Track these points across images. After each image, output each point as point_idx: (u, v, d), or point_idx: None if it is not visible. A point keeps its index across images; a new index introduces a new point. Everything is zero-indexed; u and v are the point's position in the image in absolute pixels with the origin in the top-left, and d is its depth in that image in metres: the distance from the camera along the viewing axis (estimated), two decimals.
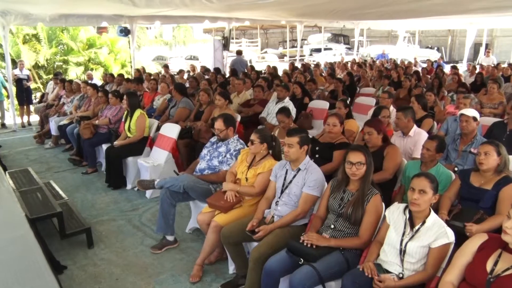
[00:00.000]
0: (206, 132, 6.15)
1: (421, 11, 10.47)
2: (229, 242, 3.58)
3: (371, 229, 3.09)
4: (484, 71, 12.91)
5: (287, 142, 3.46)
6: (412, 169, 3.85)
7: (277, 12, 11.63)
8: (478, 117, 4.56)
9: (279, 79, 9.52)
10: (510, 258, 2.29)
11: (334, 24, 19.51)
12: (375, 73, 13.08)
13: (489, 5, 9.01)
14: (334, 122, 4.53)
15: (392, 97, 6.90)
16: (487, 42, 26.22)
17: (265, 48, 37.14)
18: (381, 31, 31.77)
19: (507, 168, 3.46)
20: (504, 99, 7.51)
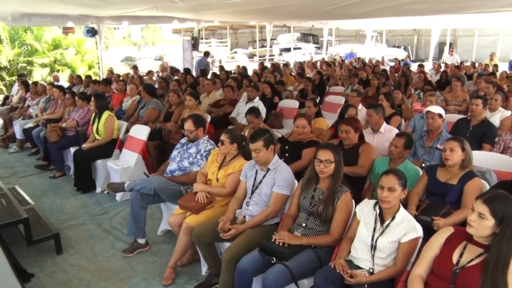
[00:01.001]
0: (176, 133, 6.11)
1: (403, 10, 10.64)
2: (201, 242, 3.56)
3: (342, 226, 3.13)
4: (448, 70, 13.28)
5: (253, 148, 3.46)
6: (381, 166, 3.93)
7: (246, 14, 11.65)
8: (443, 114, 4.69)
9: (249, 79, 9.53)
10: (475, 249, 2.37)
11: (303, 24, 19.71)
12: (344, 72, 13.27)
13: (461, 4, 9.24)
14: (303, 124, 4.54)
15: (361, 96, 7.02)
16: (451, 42, 26.99)
17: (234, 48, 37.13)
18: (349, 31, 32.24)
19: (471, 163, 3.57)
20: (467, 97, 7.74)
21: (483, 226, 2.29)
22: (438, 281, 2.43)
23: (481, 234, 2.32)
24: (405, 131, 5.38)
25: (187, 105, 6.28)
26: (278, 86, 8.89)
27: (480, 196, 2.37)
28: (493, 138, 5.05)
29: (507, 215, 2.24)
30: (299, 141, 4.58)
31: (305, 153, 4.43)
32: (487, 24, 21.49)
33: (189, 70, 12.64)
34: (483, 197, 2.32)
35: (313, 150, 4.30)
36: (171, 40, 35.05)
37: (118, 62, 24.36)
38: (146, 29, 35.43)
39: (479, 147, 4.86)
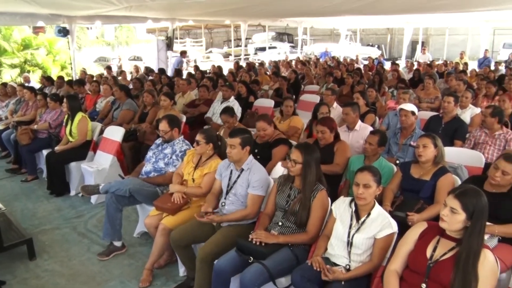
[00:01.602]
0: (151, 134, 6.05)
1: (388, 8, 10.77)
2: (178, 245, 3.54)
3: (318, 224, 3.16)
4: (421, 68, 13.53)
5: (229, 143, 3.46)
6: (356, 163, 3.98)
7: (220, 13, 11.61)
8: (416, 111, 4.78)
9: (224, 79, 9.52)
10: (447, 243, 2.43)
11: (277, 23, 19.74)
12: (319, 71, 13.38)
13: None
14: (263, 127, 4.51)
15: (336, 94, 7.09)
16: (423, 40, 27.51)
17: (210, 47, 36.99)
18: (323, 30, 32.50)
19: (443, 159, 3.65)
20: (439, 94, 7.90)
21: (455, 220, 2.34)
22: (413, 275, 2.47)
23: (453, 228, 2.38)
24: (379, 128, 5.46)
25: (162, 106, 6.23)
26: (253, 86, 8.90)
27: (451, 191, 2.42)
28: (464, 135, 5.18)
29: (478, 209, 2.30)
30: (266, 142, 4.58)
31: (275, 152, 4.46)
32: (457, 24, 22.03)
33: (164, 70, 12.53)
34: (454, 192, 2.38)
35: (282, 148, 4.35)
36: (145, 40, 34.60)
37: (91, 62, 23.95)
38: (119, 28, 34.87)
39: (451, 143, 4.97)
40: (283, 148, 4.50)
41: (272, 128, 4.60)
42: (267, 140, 4.59)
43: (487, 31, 19.17)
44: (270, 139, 4.58)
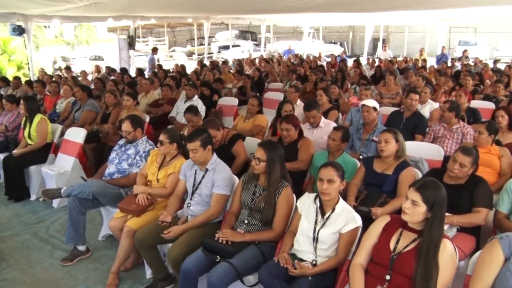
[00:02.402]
0: (114, 134, 5.94)
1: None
2: (143, 246, 3.48)
3: (284, 221, 3.18)
4: (382, 64, 13.84)
5: (190, 148, 3.43)
6: (320, 159, 4.03)
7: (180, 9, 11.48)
8: (378, 107, 4.88)
9: (187, 78, 9.45)
10: (410, 235, 2.50)
11: (240, 21, 19.75)
12: (283, 68, 13.47)
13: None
14: (213, 134, 4.31)
15: (299, 91, 7.15)
16: (384, 38, 28.12)
17: (173, 46, 36.56)
18: (286, 28, 32.75)
19: (404, 153, 3.74)
20: (400, 90, 8.10)
21: (416, 212, 2.41)
22: (378, 268, 2.53)
23: (415, 220, 2.45)
24: (342, 124, 5.54)
25: (125, 106, 6.13)
26: (217, 84, 8.88)
27: (412, 184, 2.49)
28: (424, 129, 5.33)
29: (437, 200, 2.38)
30: (222, 145, 4.54)
31: (235, 150, 4.46)
32: (415, 22, 22.69)
33: (126, 70, 12.32)
34: (415, 185, 2.45)
35: (240, 143, 4.36)
36: (106, 39, 33.86)
37: (50, 62, 23.28)
38: (79, 27, 33.95)
39: (411, 137, 5.10)
40: (241, 142, 4.53)
41: (221, 132, 4.51)
42: (222, 143, 4.55)
43: (443, 29, 19.78)
44: (223, 142, 4.56)
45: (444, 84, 8.30)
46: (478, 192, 3.24)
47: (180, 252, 3.20)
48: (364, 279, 2.53)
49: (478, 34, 30.04)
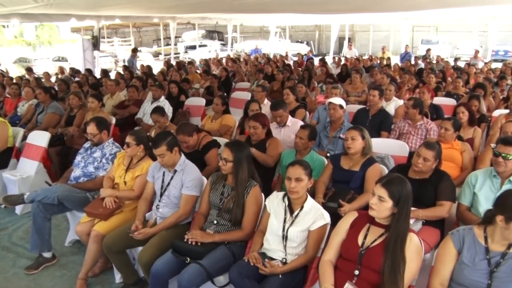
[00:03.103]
0: (79, 137, 5.81)
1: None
2: (112, 251, 3.42)
3: (253, 220, 3.19)
4: (348, 63, 14.05)
5: (157, 154, 3.40)
6: (288, 158, 4.05)
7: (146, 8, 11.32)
8: (344, 105, 4.95)
9: (154, 78, 9.34)
10: (377, 230, 2.55)
11: (207, 21, 19.68)
12: (250, 68, 13.48)
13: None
14: (184, 140, 4.31)
15: (266, 90, 7.17)
16: (349, 37, 28.64)
17: (139, 46, 36.05)
18: (253, 27, 32.84)
19: (371, 150, 3.81)
20: (366, 88, 8.24)
21: (383, 208, 2.46)
22: (347, 263, 2.57)
23: (382, 216, 2.50)
24: (309, 123, 5.60)
25: (90, 108, 6.00)
26: (184, 84, 8.82)
27: (378, 180, 2.54)
28: (390, 126, 5.43)
29: (403, 196, 2.44)
30: (196, 150, 4.49)
31: (209, 158, 4.41)
32: (380, 21, 23.14)
33: (91, 71, 12.07)
34: (381, 181, 2.50)
35: (214, 151, 4.32)
36: (70, 40, 33.05)
37: (10, 63, 22.55)
38: (41, 27, 32.96)
39: (377, 134, 5.20)
40: (215, 151, 4.45)
41: (195, 137, 4.43)
42: (196, 148, 4.50)
43: (407, 28, 20.24)
44: (198, 147, 4.51)
45: (408, 81, 8.49)
46: (441, 186, 3.33)
47: (151, 256, 3.16)
48: (333, 275, 2.56)
49: (440, 33, 30.96)
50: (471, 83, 8.86)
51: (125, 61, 18.22)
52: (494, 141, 3.72)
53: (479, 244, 2.41)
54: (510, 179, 3.25)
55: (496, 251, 2.37)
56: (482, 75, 9.86)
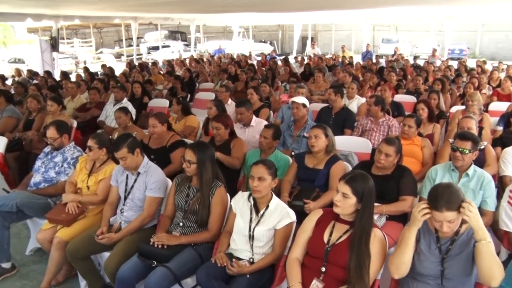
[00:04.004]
0: (39, 142, 5.63)
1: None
2: (76, 258, 3.33)
3: (219, 221, 3.19)
4: (311, 62, 14.20)
5: (118, 157, 3.35)
6: (252, 157, 4.06)
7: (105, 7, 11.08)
8: (307, 103, 5.00)
9: (116, 80, 9.17)
10: (342, 227, 2.60)
11: (169, 22, 19.49)
12: (214, 68, 13.43)
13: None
14: (153, 123, 4.36)
15: (230, 91, 7.17)
16: (312, 36, 28.96)
17: (100, 48, 35.33)
18: (216, 27, 32.76)
19: (334, 148, 3.86)
20: (329, 86, 8.34)
21: (347, 204, 2.51)
22: (313, 261, 2.60)
23: (346, 212, 2.54)
24: (274, 122, 5.63)
25: (49, 111, 5.82)
26: (147, 86, 8.68)
27: (342, 177, 2.59)
28: (353, 123, 5.53)
29: (366, 192, 2.49)
30: (162, 146, 4.48)
31: (173, 156, 4.38)
32: (341, 20, 23.54)
33: (50, 73, 11.72)
34: (345, 178, 2.54)
35: (180, 151, 4.29)
36: (26, 40, 32.02)
37: None
38: None
39: (341, 132, 5.28)
40: (182, 150, 4.41)
41: (162, 128, 4.43)
42: (162, 143, 4.49)
43: (367, 27, 20.65)
44: (166, 143, 4.49)
45: (370, 79, 8.67)
46: (403, 181, 3.42)
47: (118, 263, 3.10)
48: (300, 273, 2.58)
49: (399, 33, 31.77)
50: (430, 81, 9.12)
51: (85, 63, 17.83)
52: (452, 136, 3.85)
53: (431, 233, 2.50)
54: (467, 173, 3.38)
55: (446, 238, 2.46)
56: (440, 72, 10.20)
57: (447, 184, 2.42)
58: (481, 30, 31.01)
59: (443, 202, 2.27)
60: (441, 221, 2.31)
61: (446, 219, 2.29)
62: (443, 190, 2.32)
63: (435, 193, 2.34)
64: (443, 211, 2.27)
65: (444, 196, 2.28)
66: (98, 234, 3.28)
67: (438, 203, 2.29)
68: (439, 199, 2.29)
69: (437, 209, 2.28)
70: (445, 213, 2.27)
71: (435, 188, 2.39)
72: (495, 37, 31.01)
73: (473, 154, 3.36)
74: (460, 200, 2.29)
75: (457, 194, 2.31)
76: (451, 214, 2.28)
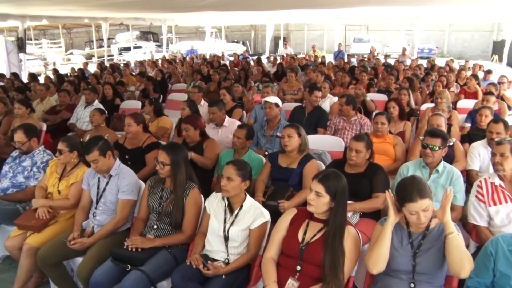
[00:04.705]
0: (6, 146, 5.47)
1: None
2: (48, 264, 3.26)
3: (194, 222, 3.17)
4: (284, 62, 14.27)
5: (90, 160, 3.30)
6: (226, 158, 4.05)
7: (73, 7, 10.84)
8: (280, 103, 5.02)
9: (86, 82, 9.01)
10: (316, 225, 2.62)
11: (141, 22, 19.26)
12: (186, 69, 13.35)
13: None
14: (128, 122, 4.34)
15: (202, 91, 7.14)
16: (284, 36, 29.13)
17: (70, 49, 34.62)
18: (189, 28, 32.55)
19: (307, 147, 3.89)
20: (302, 86, 8.40)
21: (320, 203, 2.53)
22: (288, 260, 2.62)
23: (320, 211, 2.57)
24: (247, 122, 5.63)
25: (17, 114, 5.68)
26: (118, 87, 8.56)
27: (315, 176, 2.61)
28: (326, 122, 5.58)
29: (339, 190, 2.52)
30: (138, 147, 4.44)
31: (148, 158, 4.34)
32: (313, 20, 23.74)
33: (17, 75, 11.42)
34: (318, 177, 2.57)
35: (155, 153, 4.25)
36: None
37: None
38: None
39: (314, 131, 5.31)
40: (157, 152, 4.37)
41: (138, 128, 4.40)
42: (138, 144, 4.44)
43: (339, 27, 20.89)
44: (141, 144, 4.44)
45: (342, 79, 8.76)
46: (376, 179, 3.47)
47: (91, 269, 3.04)
48: (276, 272, 2.59)
49: (370, 32, 32.26)
50: (400, 79, 9.29)
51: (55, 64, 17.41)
52: (423, 133, 3.92)
53: (402, 228, 2.56)
54: (437, 169, 3.46)
55: (417, 233, 2.52)
56: (410, 71, 10.40)
57: (410, 176, 2.53)
58: (448, 30, 31.85)
59: (415, 192, 2.34)
60: (417, 212, 2.36)
61: (422, 207, 2.35)
62: (410, 181, 2.42)
63: (404, 186, 2.42)
64: (417, 200, 2.33)
65: (414, 186, 2.37)
66: (70, 240, 3.22)
67: (411, 194, 2.35)
68: (409, 190, 2.36)
69: (411, 200, 2.34)
70: (420, 201, 2.34)
71: (402, 183, 2.47)
72: (462, 37, 31.98)
73: (442, 150, 3.45)
74: (428, 185, 2.40)
75: (423, 182, 2.42)
76: (425, 201, 2.35)
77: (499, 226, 3.06)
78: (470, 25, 28.97)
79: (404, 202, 2.38)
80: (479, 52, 29.90)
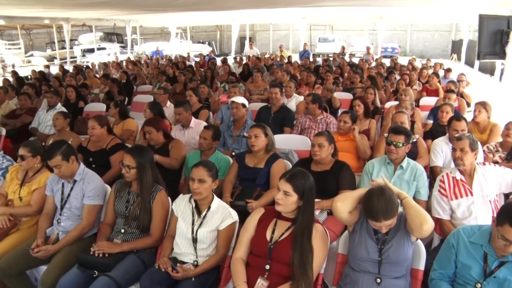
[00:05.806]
0: None
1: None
2: (9, 275, 3.14)
3: (161, 225, 3.14)
4: (250, 62, 14.29)
5: (52, 165, 3.22)
6: (193, 159, 4.02)
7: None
8: (246, 103, 5.02)
9: (48, 85, 8.77)
10: (284, 224, 2.64)
11: (104, 23, 18.91)
12: (151, 70, 13.19)
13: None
14: (92, 125, 4.28)
15: (168, 93, 7.06)
16: (250, 36, 29.18)
17: (30, 50, 33.60)
18: (153, 28, 32.19)
19: (274, 146, 3.91)
20: (268, 86, 8.42)
21: (288, 202, 2.55)
22: (257, 259, 2.62)
23: (288, 210, 2.59)
24: (213, 123, 5.61)
25: None
26: (82, 90, 8.35)
27: (283, 175, 2.62)
28: (292, 122, 5.62)
29: (307, 189, 2.54)
30: (102, 149, 4.36)
31: (113, 159, 4.27)
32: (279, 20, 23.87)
33: None
34: (285, 176, 2.58)
35: (120, 154, 4.18)
36: None
37: None
38: None
39: (281, 130, 5.35)
40: (122, 154, 4.29)
41: (102, 131, 4.33)
42: (102, 146, 4.36)
43: (304, 27, 21.07)
44: (105, 145, 4.36)
45: (307, 78, 8.85)
46: (342, 176, 3.53)
47: (56, 275, 2.95)
48: (245, 272, 2.59)
49: (335, 32, 32.66)
50: (365, 78, 9.45)
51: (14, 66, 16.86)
52: (387, 131, 4.00)
53: (369, 225, 2.61)
54: (401, 165, 3.54)
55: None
56: (375, 70, 10.59)
57: (379, 191, 2.49)
58: (410, 29, 32.68)
59: (380, 214, 2.42)
60: (380, 226, 2.47)
61: (386, 225, 2.46)
62: (377, 202, 2.43)
63: (371, 207, 2.46)
64: (382, 221, 2.42)
65: (380, 209, 2.42)
66: (33, 247, 3.12)
67: (376, 217, 2.43)
68: (375, 213, 2.43)
69: (376, 220, 2.44)
70: (384, 222, 2.43)
71: (370, 201, 2.48)
72: (423, 36, 32.91)
73: (406, 147, 3.53)
74: (395, 203, 2.46)
75: (391, 200, 2.45)
76: (389, 221, 2.44)
77: (461, 219, 3.16)
78: (431, 25, 29.90)
79: (369, 217, 2.49)
80: (439, 51, 30.83)
